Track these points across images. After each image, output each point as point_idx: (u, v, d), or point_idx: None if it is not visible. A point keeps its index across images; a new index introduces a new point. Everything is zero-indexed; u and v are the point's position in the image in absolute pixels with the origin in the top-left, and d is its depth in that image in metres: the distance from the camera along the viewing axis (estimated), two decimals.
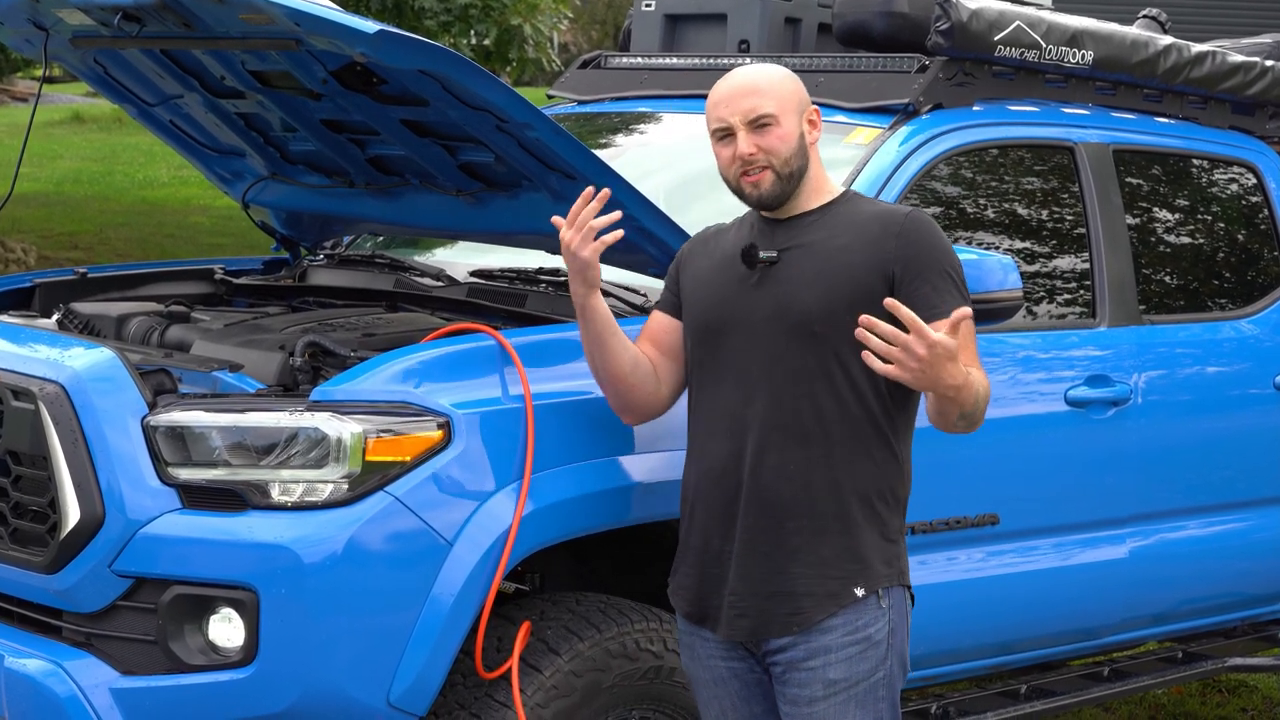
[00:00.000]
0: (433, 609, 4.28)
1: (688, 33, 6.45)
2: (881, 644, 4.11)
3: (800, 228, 4.18)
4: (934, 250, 4.11)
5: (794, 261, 4.14)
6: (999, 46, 5.63)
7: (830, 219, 4.18)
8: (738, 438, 4.12)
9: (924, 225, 4.14)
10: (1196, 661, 6.30)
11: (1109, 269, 5.83)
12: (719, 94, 4.20)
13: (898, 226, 4.11)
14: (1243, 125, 6.51)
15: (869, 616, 4.09)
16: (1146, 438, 5.80)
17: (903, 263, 4.07)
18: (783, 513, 4.08)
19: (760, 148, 4.12)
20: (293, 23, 4.48)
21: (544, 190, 5.01)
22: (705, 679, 4.26)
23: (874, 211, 4.20)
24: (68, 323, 5.27)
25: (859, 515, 4.09)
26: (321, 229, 6.15)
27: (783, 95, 4.16)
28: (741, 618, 4.13)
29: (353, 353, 4.66)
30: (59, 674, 4.31)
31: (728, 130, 4.17)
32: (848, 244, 4.12)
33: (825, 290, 4.08)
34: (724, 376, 4.16)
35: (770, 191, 4.15)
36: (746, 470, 4.11)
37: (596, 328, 4.24)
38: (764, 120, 4.13)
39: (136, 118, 5.95)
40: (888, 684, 4.14)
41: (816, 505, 4.07)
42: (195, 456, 4.32)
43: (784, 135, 4.14)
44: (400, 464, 4.27)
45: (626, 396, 4.31)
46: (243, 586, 4.23)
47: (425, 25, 13.88)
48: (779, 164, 4.13)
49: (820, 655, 4.08)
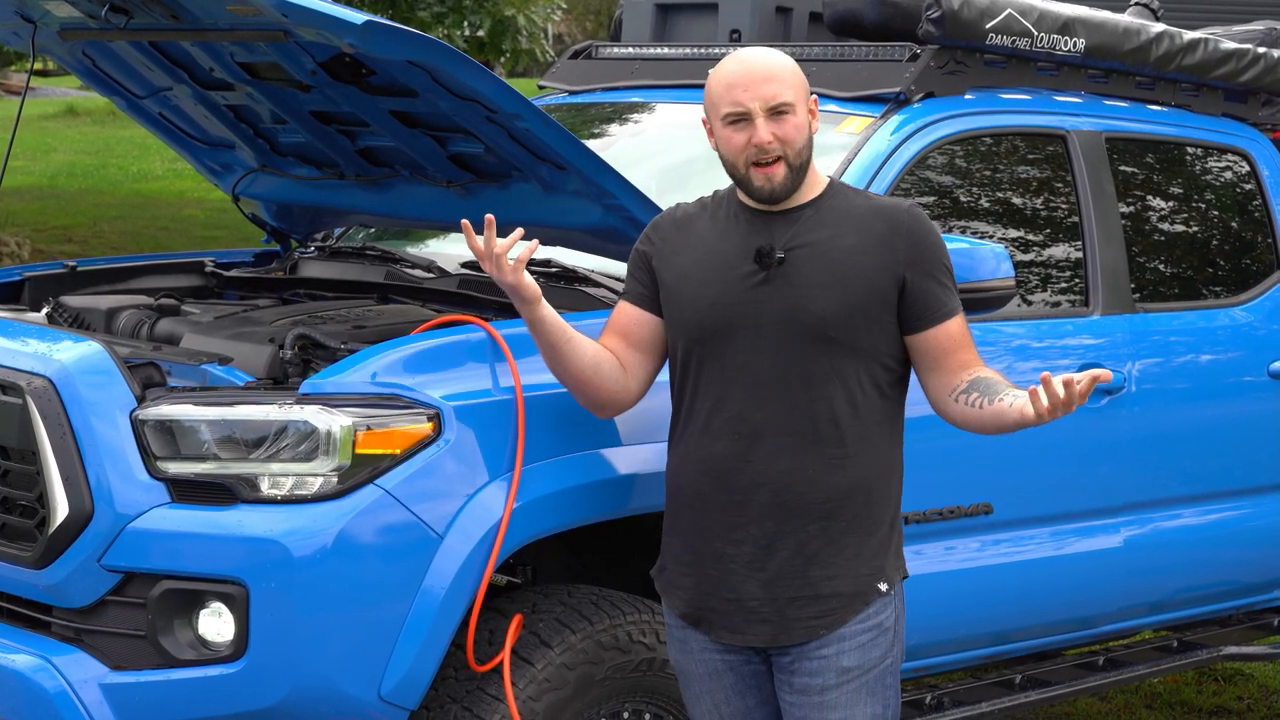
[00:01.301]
0: (424, 602, 4.26)
1: (679, 22, 6.43)
2: (890, 630, 4.11)
3: (797, 222, 4.09)
4: (936, 248, 4.11)
5: (803, 262, 4.05)
6: (991, 34, 5.61)
7: (826, 214, 4.11)
8: (744, 440, 4.05)
9: (925, 222, 4.12)
10: (1192, 650, 6.29)
11: (1102, 257, 5.82)
12: (734, 76, 4.06)
13: (904, 226, 4.07)
14: (1235, 112, 6.49)
15: (879, 604, 4.09)
16: (1141, 426, 5.79)
17: (911, 263, 4.05)
18: (803, 517, 4.03)
19: (777, 137, 4.02)
20: (280, 14, 4.47)
21: (534, 181, 5.00)
22: (698, 673, 4.22)
23: (871, 207, 4.14)
24: (57, 316, 5.26)
25: (877, 513, 4.09)
26: (312, 221, 6.13)
27: (797, 84, 4.07)
28: (763, 624, 4.07)
29: (343, 345, 4.64)
30: (48, 669, 4.30)
31: (743, 115, 4.04)
32: (857, 244, 4.06)
33: (841, 294, 4.02)
34: (728, 378, 4.08)
35: (783, 184, 4.05)
36: (757, 474, 4.04)
37: (548, 338, 4.17)
38: (783, 109, 4.03)
39: (126, 110, 5.95)
40: (894, 670, 4.14)
41: (836, 508, 4.04)
42: (184, 450, 4.30)
43: (799, 125, 4.05)
44: (390, 457, 4.26)
45: (592, 395, 4.26)
46: (232, 581, 4.22)
47: (418, 16, 13.86)
48: (792, 155, 4.04)
49: (834, 644, 4.05)
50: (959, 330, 4.11)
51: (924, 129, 5.46)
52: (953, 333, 4.10)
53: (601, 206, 4.85)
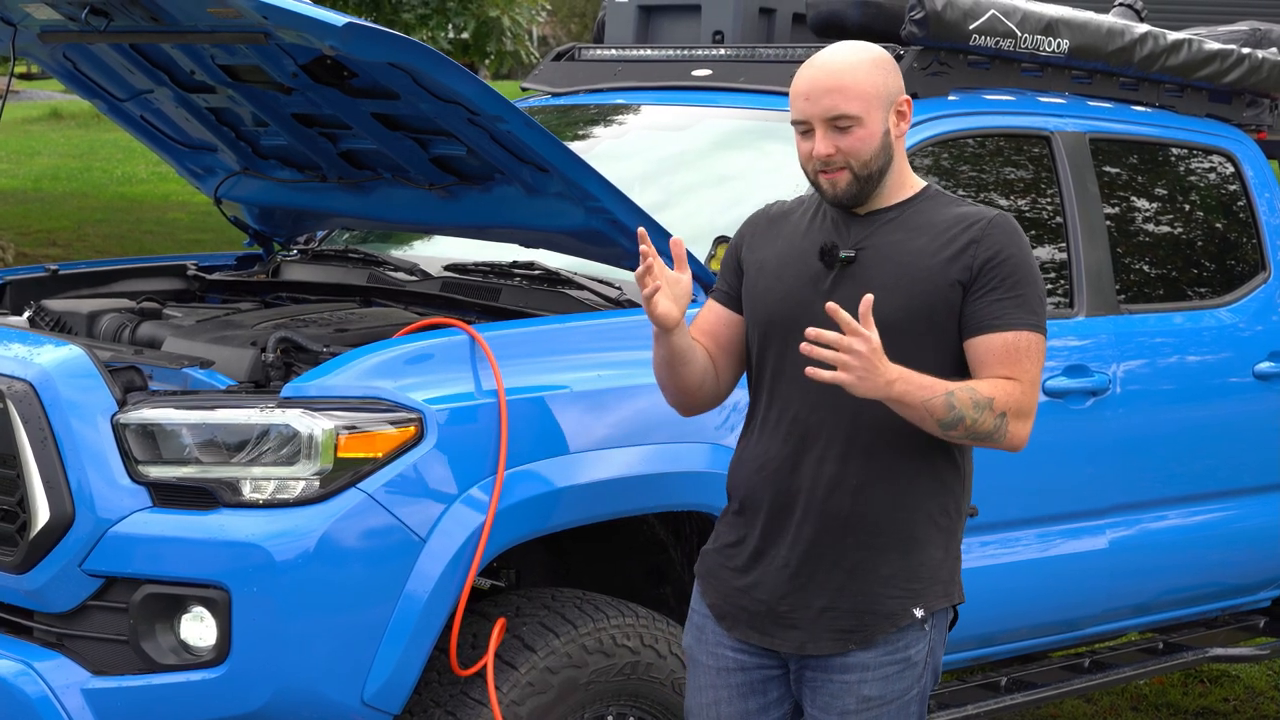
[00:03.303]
0: (406, 606, 4.25)
1: (662, 24, 6.43)
2: (919, 664, 3.98)
3: (878, 225, 3.97)
4: (1009, 260, 3.90)
5: (871, 264, 3.92)
6: (974, 35, 5.60)
7: (909, 217, 3.97)
8: (797, 442, 3.96)
9: (1004, 231, 3.92)
10: (1178, 652, 6.29)
11: (1086, 258, 5.81)
12: (801, 83, 3.94)
13: (979, 230, 3.91)
14: (1220, 113, 6.49)
15: (911, 637, 3.95)
16: (1126, 428, 5.79)
17: (976, 270, 3.89)
18: (843, 527, 3.92)
19: (839, 149, 3.90)
20: (260, 16, 4.45)
21: (517, 183, 4.99)
22: (707, 664, 4.11)
23: (955, 213, 3.97)
24: (39, 320, 5.24)
25: (921, 533, 3.94)
26: (294, 224, 6.12)
27: (867, 93, 3.88)
28: (791, 629, 3.98)
29: (325, 348, 4.63)
30: (30, 674, 4.27)
31: (806, 126, 3.93)
32: (925, 247, 3.92)
33: (904, 298, 3.88)
34: (791, 377, 3.96)
35: (847, 191, 3.93)
36: (805, 478, 3.95)
37: (667, 356, 4.04)
38: (844, 121, 3.89)
39: (107, 113, 5.93)
40: (920, 698, 4.02)
41: (879, 522, 3.91)
42: (166, 454, 4.28)
43: (865, 136, 3.89)
44: (372, 460, 4.24)
45: (689, 402, 4.15)
46: (214, 585, 4.20)
47: (403, 18, 13.86)
48: (858, 165, 3.90)
49: (857, 671, 3.94)
50: (1001, 346, 3.89)
51: None
52: (993, 346, 3.89)
53: (584, 209, 4.84)
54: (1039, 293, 3.95)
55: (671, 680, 4.62)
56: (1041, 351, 3.95)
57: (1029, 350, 3.91)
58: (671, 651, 4.63)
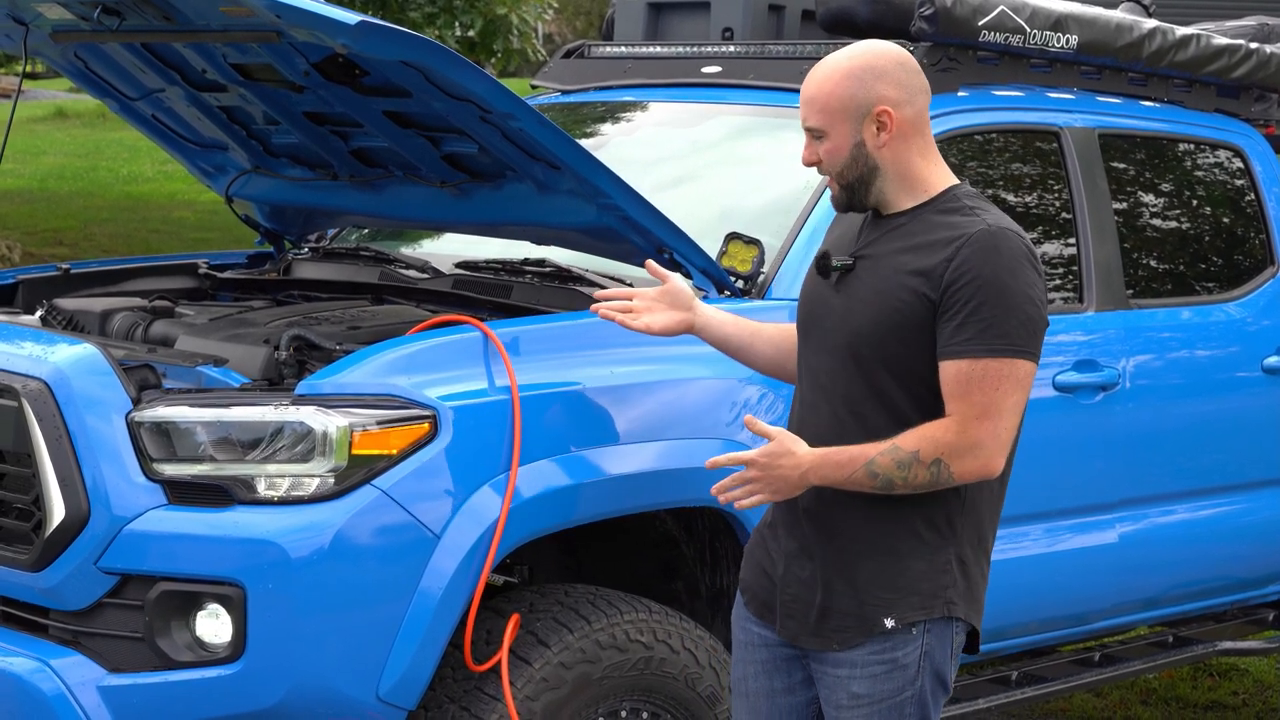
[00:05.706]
0: (421, 602, 4.26)
1: (671, 21, 6.43)
2: (911, 667, 3.91)
3: (885, 230, 3.91)
4: (973, 281, 3.73)
5: (864, 273, 3.88)
6: (983, 31, 5.61)
7: (916, 224, 3.87)
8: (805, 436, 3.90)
9: (978, 249, 3.75)
10: (1187, 646, 6.30)
11: (1096, 253, 5.82)
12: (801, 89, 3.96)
13: (954, 249, 3.76)
14: (1228, 108, 6.50)
15: (898, 640, 3.89)
16: (1135, 422, 5.79)
17: (942, 289, 3.75)
18: (829, 530, 3.92)
19: (820, 157, 3.90)
20: (273, 15, 4.46)
21: (528, 181, 5.00)
22: (739, 638, 4.13)
23: (954, 222, 3.82)
24: (51, 319, 5.25)
25: (904, 545, 3.88)
26: (305, 222, 6.13)
27: (830, 106, 3.84)
28: (790, 619, 4.00)
29: (338, 346, 4.64)
30: (46, 672, 4.28)
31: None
32: (908, 261, 3.81)
33: (876, 312, 3.81)
34: (801, 376, 4.01)
35: (839, 198, 3.93)
36: None
37: (713, 342, 4.18)
38: (815, 132, 3.89)
39: (118, 112, 5.93)
40: (917, 702, 3.94)
41: (858, 529, 3.88)
42: (180, 452, 4.30)
43: (831, 149, 3.87)
44: (387, 457, 4.25)
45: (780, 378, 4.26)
46: (230, 582, 4.21)
47: (410, 16, 13.86)
48: (835, 174, 3.90)
49: (846, 667, 3.93)
50: (952, 376, 3.75)
51: None
52: (946, 376, 3.76)
53: (596, 206, 4.85)
54: (1012, 313, 3.73)
55: (685, 675, 4.64)
56: (1008, 376, 3.75)
57: (984, 379, 3.73)
58: (685, 646, 4.64)
